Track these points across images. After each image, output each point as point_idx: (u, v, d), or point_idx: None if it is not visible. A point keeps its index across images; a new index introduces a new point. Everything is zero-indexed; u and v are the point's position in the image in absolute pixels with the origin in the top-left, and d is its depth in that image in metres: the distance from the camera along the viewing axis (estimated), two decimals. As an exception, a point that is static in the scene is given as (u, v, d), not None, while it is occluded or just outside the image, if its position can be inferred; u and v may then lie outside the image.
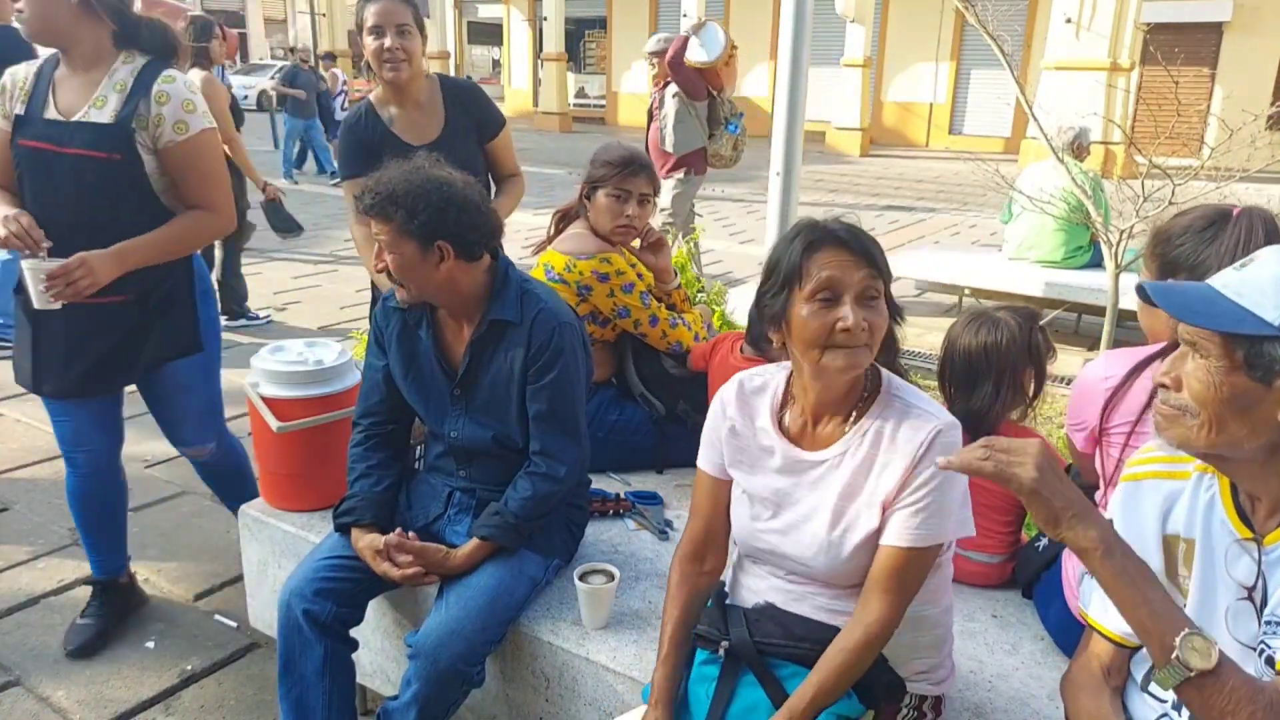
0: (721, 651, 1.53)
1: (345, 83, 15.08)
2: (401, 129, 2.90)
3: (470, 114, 2.97)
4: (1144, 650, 1.29)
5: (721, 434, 1.59)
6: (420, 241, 1.85)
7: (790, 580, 1.55)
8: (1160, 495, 1.27)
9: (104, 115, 2.26)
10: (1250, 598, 1.17)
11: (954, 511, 1.42)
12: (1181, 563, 1.25)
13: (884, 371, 1.51)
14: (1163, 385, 1.17)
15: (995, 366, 2.02)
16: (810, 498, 1.49)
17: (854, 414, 1.48)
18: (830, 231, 1.40)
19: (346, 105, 14.44)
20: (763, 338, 2.32)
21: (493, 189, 3.12)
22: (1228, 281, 1.11)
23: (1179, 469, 1.27)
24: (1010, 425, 2.06)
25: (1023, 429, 2.07)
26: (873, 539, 1.44)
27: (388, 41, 2.76)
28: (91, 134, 2.25)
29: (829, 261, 1.38)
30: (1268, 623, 1.12)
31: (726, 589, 1.68)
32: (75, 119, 2.27)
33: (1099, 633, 1.34)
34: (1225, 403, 1.09)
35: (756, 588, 1.60)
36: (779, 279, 1.42)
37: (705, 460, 1.63)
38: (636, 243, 2.78)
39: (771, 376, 1.59)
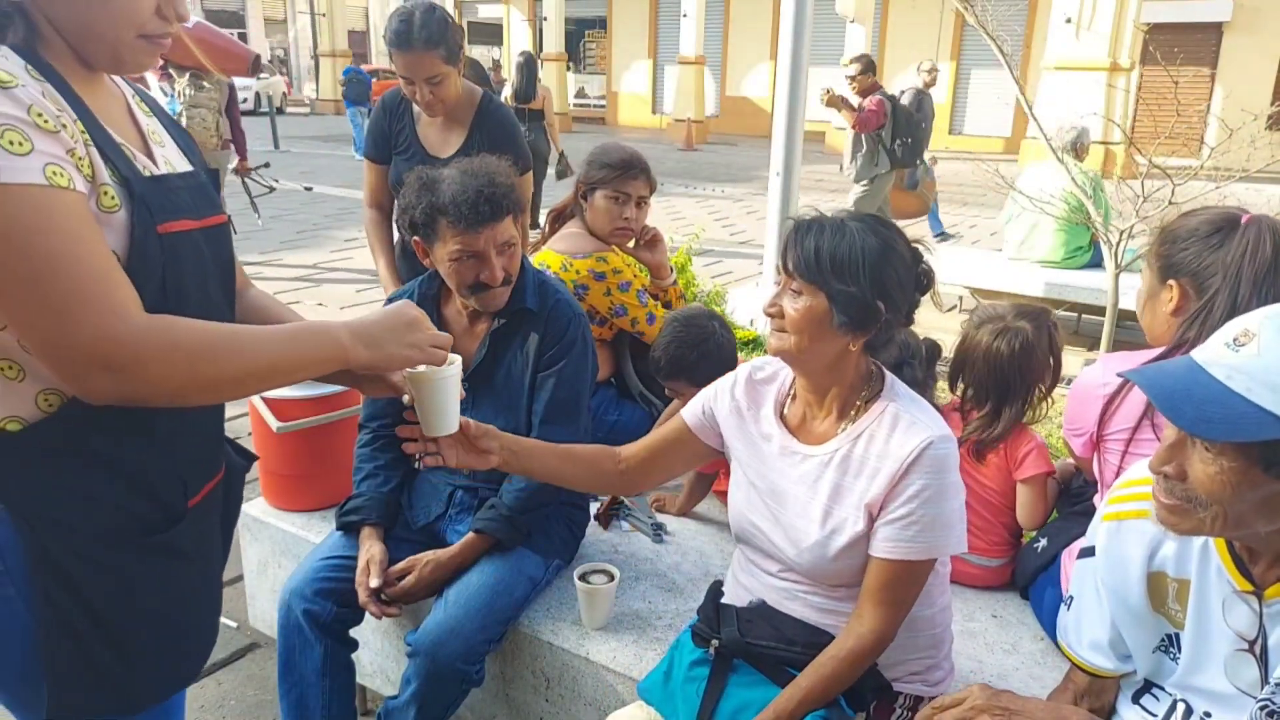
0: (712, 650, 1.54)
1: None
2: (425, 133, 2.90)
3: (487, 144, 2.83)
4: (1135, 672, 1.31)
5: (724, 409, 1.62)
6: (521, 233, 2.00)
7: (782, 577, 1.55)
8: (1146, 536, 1.23)
9: None
10: (1251, 649, 1.15)
11: (952, 525, 1.42)
12: (1173, 598, 1.23)
13: (888, 376, 1.51)
14: (1163, 474, 1.09)
15: (1026, 380, 2.02)
16: (802, 494, 1.50)
17: (853, 413, 1.48)
18: None
19: None
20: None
21: None
22: (1231, 373, 1.00)
23: None
24: (1016, 426, 2.05)
25: (1025, 431, 2.07)
26: (859, 543, 1.44)
27: (419, 94, 2.72)
28: None
29: None
30: (1278, 684, 1.10)
31: (723, 587, 1.68)
32: None
33: (1073, 664, 1.35)
34: (1241, 499, 1.03)
35: (751, 585, 1.60)
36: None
37: (689, 412, 1.67)
38: (631, 241, 2.79)
39: (780, 368, 1.61)
